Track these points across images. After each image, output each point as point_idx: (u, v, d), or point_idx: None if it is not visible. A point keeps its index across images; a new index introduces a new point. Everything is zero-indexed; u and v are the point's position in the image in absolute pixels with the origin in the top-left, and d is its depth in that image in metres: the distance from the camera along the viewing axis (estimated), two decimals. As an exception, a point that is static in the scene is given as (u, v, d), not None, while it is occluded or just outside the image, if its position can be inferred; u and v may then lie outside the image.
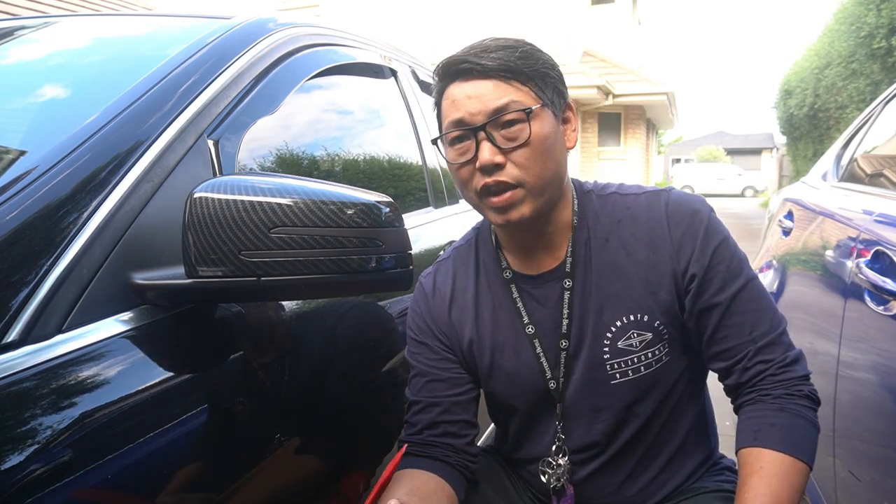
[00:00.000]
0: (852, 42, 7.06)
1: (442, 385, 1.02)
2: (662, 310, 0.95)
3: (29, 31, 1.31)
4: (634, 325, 0.95)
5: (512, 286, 1.01)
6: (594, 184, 1.03)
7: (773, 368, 0.92)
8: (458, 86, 0.91)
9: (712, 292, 0.93)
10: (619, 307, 0.95)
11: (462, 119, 0.90)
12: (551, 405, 1.01)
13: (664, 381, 0.98)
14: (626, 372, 0.96)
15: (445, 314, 1.04)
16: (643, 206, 0.97)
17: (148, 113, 0.85)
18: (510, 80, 0.89)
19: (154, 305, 0.75)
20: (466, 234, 1.11)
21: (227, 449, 0.80)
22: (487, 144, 0.88)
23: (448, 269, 1.07)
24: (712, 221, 0.95)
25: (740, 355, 0.93)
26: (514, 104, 0.88)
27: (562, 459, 1.01)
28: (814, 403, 0.92)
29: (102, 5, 8.09)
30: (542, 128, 0.89)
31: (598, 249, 0.97)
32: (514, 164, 0.88)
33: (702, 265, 0.93)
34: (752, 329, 0.93)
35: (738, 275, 0.94)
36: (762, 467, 0.85)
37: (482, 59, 0.89)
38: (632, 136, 16.69)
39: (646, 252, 0.95)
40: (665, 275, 0.94)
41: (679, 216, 0.95)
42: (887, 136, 1.87)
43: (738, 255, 0.95)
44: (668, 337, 0.96)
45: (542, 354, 0.99)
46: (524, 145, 0.88)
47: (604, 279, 0.96)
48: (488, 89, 0.89)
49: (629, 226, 0.96)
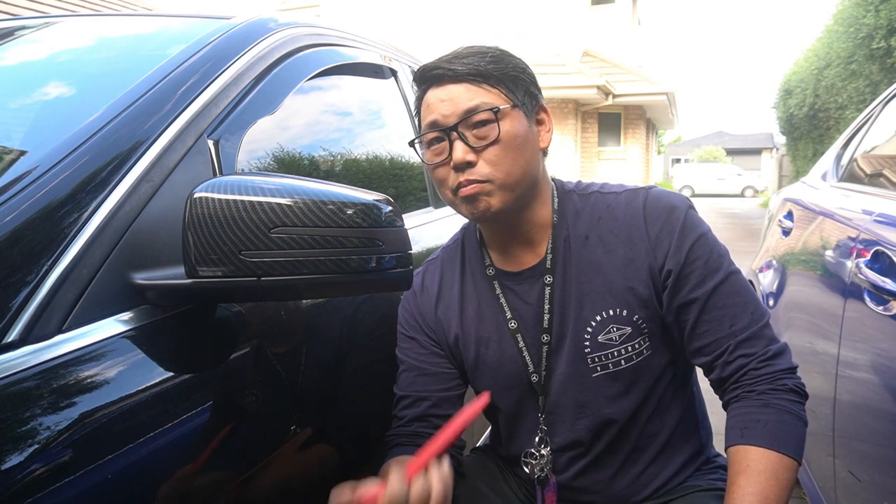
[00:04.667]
0: (851, 43, 7.06)
1: (430, 380, 1.05)
2: (641, 304, 0.96)
3: (29, 31, 1.31)
4: (613, 319, 0.97)
5: (495, 283, 1.04)
6: (576, 183, 1.06)
7: (755, 362, 0.93)
8: (432, 91, 0.96)
9: (689, 287, 0.95)
10: (599, 302, 0.97)
11: (436, 121, 0.94)
12: (535, 399, 1.03)
13: (646, 376, 0.99)
14: (606, 365, 0.98)
15: (432, 310, 1.08)
16: (622, 203, 1.00)
17: (148, 113, 0.85)
18: (480, 83, 0.94)
19: (154, 305, 0.75)
20: (455, 234, 1.15)
21: (228, 449, 0.80)
22: (460, 143, 0.92)
23: (436, 267, 1.11)
24: (689, 217, 0.97)
25: (721, 349, 0.94)
26: (483, 105, 0.93)
27: (544, 450, 1.02)
28: (800, 397, 0.92)
29: (102, 5, 8.09)
30: (512, 126, 0.93)
31: (577, 247, 0.99)
32: (486, 161, 0.92)
33: (677, 261, 0.95)
34: (731, 323, 0.94)
35: (716, 270, 0.95)
36: (749, 465, 0.86)
37: (453, 65, 0.94)
38: (632, 136, 16.69)
39: (623, 248, 0.97)
40: (642, 270, 0.96)
41: (656, 213, 0.97)
42: (887, 136, 1.87)
43: (718, 250, 0.97)
44: (647, 331, 0.98)
45: (525, 349, 1.01)
46: (494, 143, 0.92)
47: (583, 275, 0.98)
48: (460, 92, 0.94)
49: (608, 223, 0.99)
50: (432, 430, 1.01)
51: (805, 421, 0.91)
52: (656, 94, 15.70)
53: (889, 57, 6.14)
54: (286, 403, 0.92)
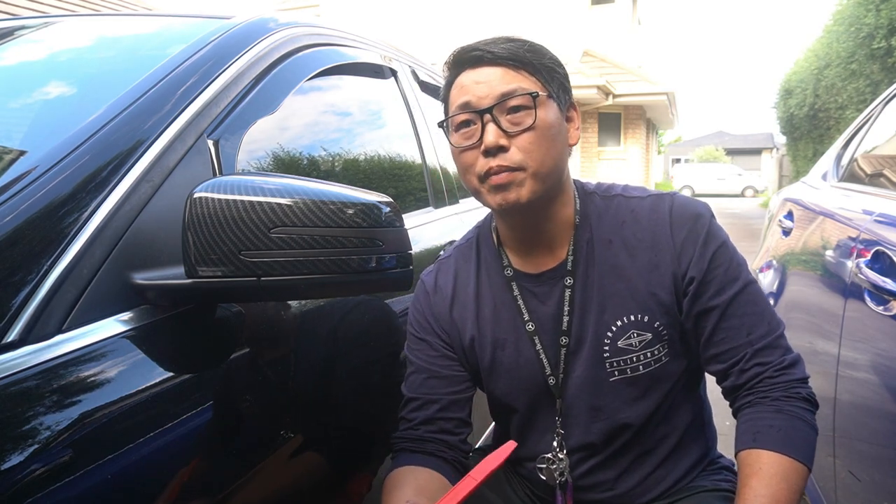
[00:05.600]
0: (852, 42, 7.06)
1: (441, 382, 1.03)
2: (663, 311, 0.96)
3: (29, 31, 1.31)
4: (635, 325, 0.96)
5: (513, 284, 1.02)
6: (597, 185, 1.05)
7: (771, 371, 0.93)
8: (467, 73, 0.94)
9: (710, 295, 0.94)
10: (620, 307, 0.96)
11: (469, 102, 0.92)
12: (551, 402, 1.02)
13: (662, 381, 0.99)
14: (624, 370, 0.97)
15: (447, 312, 1.05)
16: (647, 209, 0.98)
17: (148, 113, 0.85)
18: (519, 69, 0.92)
19: (154, 305, 0.75)
20: (468, 232, 1.12)
21: (228, 449, 0.80)
22: (493, 127, 0.90)
23: (450, 267, 1.09)
24: (713, 226, 0.97)
25: (737, 357, 0.94)
26: (521, 89, 0.91)
27: (562, 454, 1.02)
28: (812, 406, 0.93)
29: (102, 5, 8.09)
30: (547, 115, 0.92)
31: (601, 250, 0.98)
32: (518, 148, 0.90)
33: (700, 268, 0.94)
34: (749, 332, 0.94)
35: (735, 278, 0.95)
36: (761, 469, 0.86)
37: (492, 48, 0.92)
38: (632, 136, 16.69)
39: (648, 254, 0.96)
40: (666, 276, 0.95)
41: (682, 220, 0.96)
42: (887, 136, 1.87)
43: (737, 259, 0.97)
44: (667, 338, 0.97)
45: (543, 351, 1.00)
46: (529, 129, 0.90)
47: (606, 279, 0.97)
48: (497, 75, 0.92)
49: (632, 228, 0.98)
50: (439, 434, 1.00)
51: (816, 429, 0.91)
52: (656, 94, 15.70)
53: (890, 57, 6.14)
54: (287, 403, 0.92)
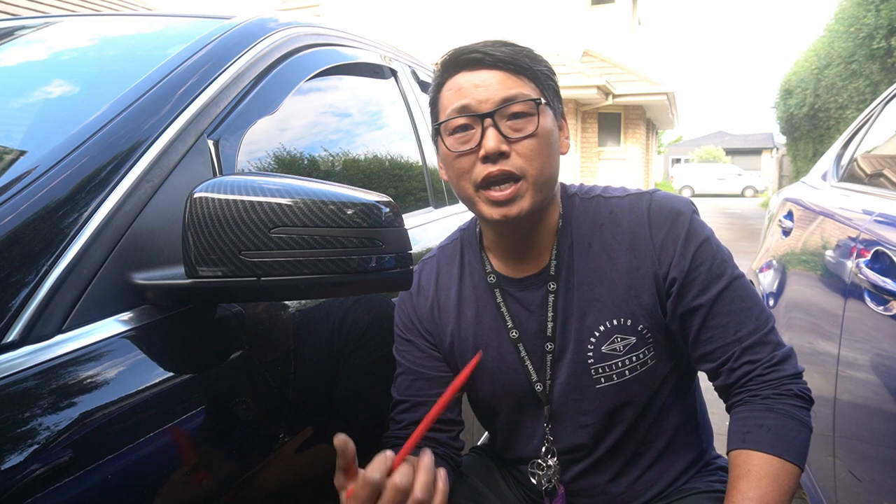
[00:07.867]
0: (852, 42, 7.06)
1: (428, 384, 1.03)
2: (645, 313, 0.94)
3: (29, 31, 1.31)
4: (618, 329, 0.94)
5: (496, 290, 1.01)
6: (578, 187, 1.03)
7: (761, 368, 0.91)
8: (464, 75, 0.91)
9: (694, 294, 0.92)
10: (602, 311, 0.95)
11: (468, 105, 0.89)
12: (538, 407, 1.01)
13: (650, 384, 0.98)
14: (610, 377, 0.96)
15: (428, 312, 1.05)
16: (626, 209, 0.97)
17: (148, 113, 0.85)
18: (518, 74, 0.91)
19: (154, 305, 0.75)
20: (452, 233, 1.12)
21: (228, 449, 0.80)
22: (493, 132, 0.88)
23: (432, 267, 1.08)
24: (694, 223, 0.95)
25: (726, 356, 0.92)
26: (523, 95, 0.89)
27: (551, 460, 1.01)
28: (805, 402, 0.91)
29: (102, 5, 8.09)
30: (547, 123, 0.91)
31: (580, 254, 0.97)
32: (519, 154, 0.89)
33: (682, 268, 0.92)
34: (736, 329, 0.92)
35: (720, 275, 0.93)
36: (750, 470, 0.85)
37: (492, 51, 0.90)
38: (632, 136, 16.68)
39: (627, 256, 0.94)
40: (646, 278, 0.94)
41: (661, 219, 0.94)
42: (887, 136, 1.87)
43: (721, 254, 0.94)
44: (652, 341, 0.96)
45: (527, 357, 0.99)
46: (531, 136, 0.89)
47: (586, 283, 0.96)
48: (497, 79, 0.90)
49: (611, 230, 0.96)
50: (430, 433, 0.99)
51: (809, 426, 0.90)
52: (656, 94, 15.69)
53: (889, 57, 6.14)
54: (286, 403, 0.92)
